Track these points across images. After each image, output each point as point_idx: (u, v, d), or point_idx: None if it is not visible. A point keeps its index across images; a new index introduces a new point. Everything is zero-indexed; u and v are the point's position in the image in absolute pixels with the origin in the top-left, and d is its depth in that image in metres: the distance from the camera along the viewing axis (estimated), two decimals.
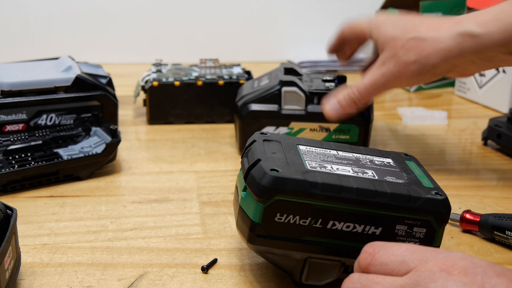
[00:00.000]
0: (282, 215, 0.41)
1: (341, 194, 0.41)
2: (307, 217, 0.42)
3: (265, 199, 0.41)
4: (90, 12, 1.12)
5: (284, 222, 0.42)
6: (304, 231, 0.42)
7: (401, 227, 0.43)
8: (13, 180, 0.59)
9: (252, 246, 0.43)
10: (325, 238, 0.43)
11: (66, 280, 0.45)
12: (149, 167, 0.67)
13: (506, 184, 0.65)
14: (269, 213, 0.41)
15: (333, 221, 0.42)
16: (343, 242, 0.43)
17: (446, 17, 0.60)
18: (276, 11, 1.17)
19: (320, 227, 0.42)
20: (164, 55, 1.04)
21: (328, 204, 0.41)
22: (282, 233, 0.42)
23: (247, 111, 0.67)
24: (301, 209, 0.41)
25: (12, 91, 0.66)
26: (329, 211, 0.42)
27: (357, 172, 0.44)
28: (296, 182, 0.41)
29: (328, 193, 0.41)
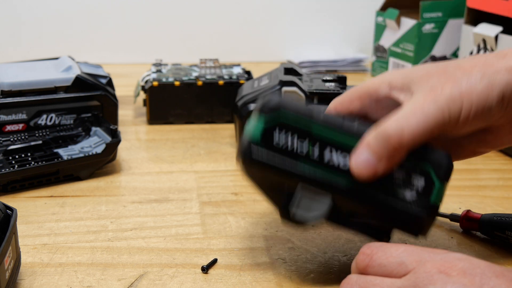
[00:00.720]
0: (280, 135, 0.42)
1: (343, 126, 0.42)
2: (304, 141, 0.42)
3: (267, 117, 0.42)
4: (90, 12, 1.12)
5: (282, 145, 0.42)
6: (300, 158, 0.42)
7: (399, 174, 0.42)
8: (13, 180, 0.59)
9: (247, 168, 0.43)
10: (320, 169, 0.42)
11: (66, 280, 0.45)
12: (149, 167, 0.67)
13: (506, 184, 0.65)
14: (269, 131, 0.42)
15: (330, 151, 0.42)
16: (337, 176, 0.42)
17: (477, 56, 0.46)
18: (276, 11, 1.17)
19: (317, 156, 0.42)
20: (164, 55, 1.04)
21: (328, 134, 0.41)
22: (279, 155, 0.42)
23: (247, 111, 0.67)
24: (301, 132, 0.42)
25: (12, 91, 0.66)
26: (328, 140, 0.41)
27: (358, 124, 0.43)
28: (300, 108, 0.42)
29: (330, 122, 0.42)
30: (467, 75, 0.42)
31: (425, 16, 0.94)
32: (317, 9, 1.18)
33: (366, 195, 0.42)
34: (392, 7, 1.01)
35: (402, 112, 0.41)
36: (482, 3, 0.81)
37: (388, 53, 1.03)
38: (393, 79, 0.45)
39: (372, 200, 0.42)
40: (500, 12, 0.77)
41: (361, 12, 1.18)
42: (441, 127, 0.41)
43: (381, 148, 0.40)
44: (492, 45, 0.79)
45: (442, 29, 0.96)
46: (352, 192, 0.41)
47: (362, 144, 0.41)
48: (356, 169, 0.41)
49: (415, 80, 0.44)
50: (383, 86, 0.45)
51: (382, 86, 0.45)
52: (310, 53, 1.15)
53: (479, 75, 0.42)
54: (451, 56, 0.98)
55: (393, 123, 0.41)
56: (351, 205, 0.43)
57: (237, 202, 0.59)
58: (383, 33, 1.03)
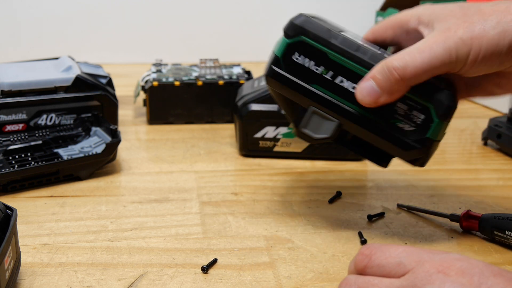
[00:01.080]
0: (300, 55, 0.47)
1: (356, 53, 0.46)
2: (320, 65, 0.46)
3: (290, 36, 0.47)
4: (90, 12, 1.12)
5: (300, 63, 0.47)
6: (315, 79, 0.47)
7: (401, 106, 0.46)
8: (13, 180, 0.59)
9: (269, 79, 0.48)
10: (331, 92, 0.47)
11: (66, 280, 0.45)
12: (149, 167, 0.67)
13: (506, 184, 0.65)
14: (290, 50, 0.47)
15: (342, 78, 0.46)
16: (345, 102, 0.46)
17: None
18: (276, 11, 1.17)
19: (329, 80, 0.46)
20: (164, 55, 1.04)
21: (342, 59, 0.46)
22: (296, 74, 0.47)
23: (247, 111, 0.67)
24: (318, 56, 0.46)
25: (12, 91, 0.66)
26: (341, 66, 0.46)
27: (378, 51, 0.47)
28: (321, 29, 0.46)
29: (345, 47, 0.46)
30: (483, 20, 0.45)
31: None
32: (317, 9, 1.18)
33: (368, 122, 0.46)
34: (392, 7, 1.01)
35: (411, 48, 0.44)
36: None
37: None
38: (423, 14, 0.48)
39: (373, 127, 0.46)
40: None
41: (361, 12, 1.18)
42: (446, 67, 0.44)
43: (384, 80, 0.44)
44: None
45: None
46: (356, 117, 0.46)
47: (368, 74, 0.45)
48: (360, 95, 0.45)
49: (439, 18, 0.46)
50: (412, 19, 0.49)
51: (412, 19, 0.49)
52: None
53: (494, 22, 0.44)
54: None
55: (398, 58, 0.44)
56: (355, 130, 0.47)
57: (237, 202, 0.59)
58: None
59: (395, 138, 0.46)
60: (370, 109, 0.46)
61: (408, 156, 0.48)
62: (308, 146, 0.68)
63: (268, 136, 0.68)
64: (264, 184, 0.63)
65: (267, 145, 0.69)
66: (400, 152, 0.47)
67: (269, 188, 0.62)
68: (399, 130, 0.46)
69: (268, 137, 0.68)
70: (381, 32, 0.51)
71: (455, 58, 0.44)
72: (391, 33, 0.50)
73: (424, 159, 0.48)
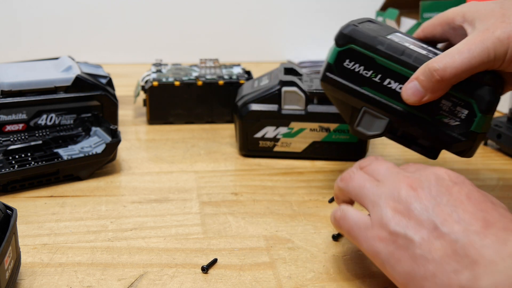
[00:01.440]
0: (350, 62, 0.51)
1: (401, 57, 0.50)
2: (369, 70, 0.51)
3: (340, 44, 0.51)
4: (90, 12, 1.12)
5: (351, 68, 0.52)
6: (365, 82, 0.51)
7: (446, 102, 0.50)
8: (13, 180, 0.59)
9: (323, 84, 0.54)
10: (380, 93, 0.51)
11: (66, 280, 0.45)
12: (149, 167, 0.67)
13: (506, 184, 0.65)
14: (341, 58, 0.52)
15: (390, 80, 0.50)
16: (394, 101, 0.51)
17: None
18: (276, 11, 1.17)
19: (378, 82, 0.51)
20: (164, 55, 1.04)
21: (388, 63, 0.50)
22: (347, 78, 0.52)
23: (247, 111, 0.67)
24: (366, 61, 0.51)
25: (12, 91, 0.66)
26: (388, 70, 0.50)
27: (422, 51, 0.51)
28: (368, 37, 0.51)
29: (391, 52, 0.50)
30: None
31: (425, 16, 0.94)
32: (317, 9, 1.18)
33: (416, 118, 0.51)
34: (392, 7, 1.01)
35: (451, 50, 0.47)
36: None
37: None
38: (467, 12, 0.51)
39: (420, 123, 0.51)
40: None
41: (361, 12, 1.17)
42: (485, 65, 0.47)
43: (426, 81, 0.48)
44: None
45: None
46: (405, 115, 0.51)
47: (413, 76, 0.49)
48: (406, 95, 0.49)
49: (481, 17, 0.50)
50: (458, 17, 0.52)
51: (457, 16, 0.52)
52: (310, 53, 1.15)
53: None
54: None
55: (439, 60, 0.47)
56: (404, 126, 0.52)
57: (237, 202, 0.59)
58: None
59: (442, 133, 0.50)
60: (417, 106, 0.50)
61: (454, 149, 0.51)
62: (308, 146, 0.68)
63: (268, 136, 0.68)
64: (264, 184, 0.63)
65: (267, 145, 0.69)
66: (446, 145, 0.51)
67: (269, 188, 0.62)
68: (444, 125, 0.50)
69: (268, 137, 0.68)
70: (430, 29, 0.55)
71: (493, 57, 0.47)
72: (440, 30, 0.54)
73: (470, 151, 0.52)
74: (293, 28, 1.18)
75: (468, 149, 0.51)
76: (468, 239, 0.37)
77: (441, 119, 0.50)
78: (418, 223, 0.39)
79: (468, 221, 0.38)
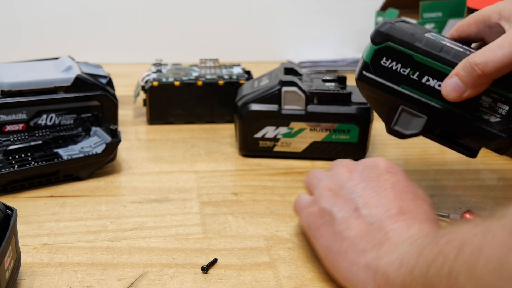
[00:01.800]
0: (387, 60, 0.50)
1: (440, 53, 0.49)
2: (407, 67, 0.50)
3: (377, 42, 0.50)
4: (90, 12, 1.12)
5: (388, 66, 0.51)
6: (402, 80, 0.50)
7: (486, 99, 0.49)
8: (13, 180, 0.59)
9: (359, 83, 0.53)
10: (419, 91, 0.50)
11: (66, 280, 0.45)
12: (149, 167, 0.67)
13: (506, 184, 0.65)
14: (378, 55, 0.51)
15: (428, 77, 0.50)
16: (433, 99, 0.50)
17: None
18: (276, 11, 1.17)
19: (416, 80, 0.50)
20: (164, 55, 1.04)
21: (427, 60, 0.49)
22: (384, 76, 0.51)
23: (247, 111, 0.67)
24: (404, 59, 0.50)
25: (12, 91, 0.66)
26: (427, 67, 0.49)
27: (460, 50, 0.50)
28: (405, 34, 0.50)
29: (429, 49, 0.49)
30: None
31: (425, 16, 0.94)
32: (317, 9, 1.18)
33: (455, 116, 0.50)
34: (392, 7, 1.01)
35: (491, 44, 0.47)
36: (482, 3, 0.81)
37: None
38: (504, 8, 0.51)
39: (460, 120, 0.50)
40: None
41: (361, 12, 1.17)
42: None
43: (467, 76, 0.47)
44: None
45: (442, 29, 0.96)
46: (444, 112, 0.50)
47: (453, 72, 0.48)
48: (446, 91, 0.48)
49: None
50: (494, 14, 0.51)
51: (493, 14, 0.52)
52: (310, 53, 1.15)
53: None
54: None
55: (479, 55, 0.46)
56: (443, 124, 0.51)
57: (237, 202, 0.59)
58: None
59: (482, 129, 0.50)
60: (457, 103, 0.49)
61: (494, 145, 0.51)
62: (308, 146, 0.68)
63: (268, 136, 0.68)
64: (264, 184, 0.63)
65: (267, 145, 0.69)
66: (486, 142, 0.50)
67: (269, 188, 0.62)
68: (485, 122, 0.49)
69: (268, 137, 0.68)
70: (465, 29, 0.54)
71: None
72: (474, 29, 0.54)
73: (510, 148, 0.51)
74: (293, 28, 1.18)
75: (509, 146, 0.51)
76: (381, 223, 0.42)
77: (481, 116, 0.49)
78: (344, 202, 0.44)
79: (385, 206, 0.43)
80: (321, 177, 0.49)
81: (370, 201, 0.44)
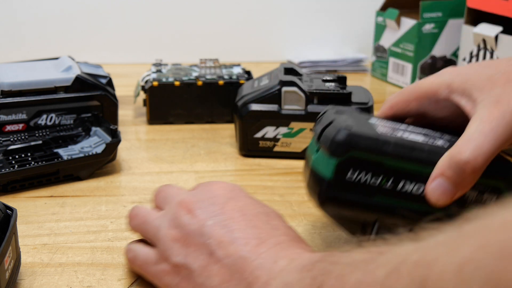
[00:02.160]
0: (354, 173, 0.41)
1: (413, 154, 0.41)
2: (378, 176, 0.42)
3: (338, 155, 0.41)
4: (90, 12, 1.12)
5: (356, 180, 0.42)
6: (375, 190, 0.42)
7: (471, 193, 0.43)
8: (13, 180, 0.59)
9: (322, 206, 0.43)
10: (396, 200, 0.42)
11: (66, 280, 0.45)
12: (149, 167, 0.67)
13: None
14: (342, 170, 0.41)
15: (404, 182, 0.42)
16: (413, 204, 0.42)
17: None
18: (276, 11, 1.17)
19: (391, 188, 0.42)
20: (164, 55, 1.04)
21: (400, 164, 0.41)
22: (354, 191, 0.42)
23: (247, 111, 0.67)
24: (373, 167, 0.41)
25: (12, 91, 0.66)
26: (400, 171, 0.41)
27: (427, 141, 0.44)
28: (370, 139, 0.41)
29: (400, 151, 0.41)
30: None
31: (425, 16, 0.94)
32: (317, 9, 1.18)
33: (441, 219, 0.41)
34: (392, 7, 1.01)
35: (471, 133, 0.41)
36: (482, 3, 0.81)
37: (388, 53, 1.03)
38: (453, 82, 0.45)
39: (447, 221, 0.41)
40: (500, 12, 0.77)
41: (361, 12, 1.17)
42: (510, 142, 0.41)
43: (456, 176, 0.40)
44: (492, 45, 0.79)
45: (442, 29, 0.96)
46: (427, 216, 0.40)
47: (436, 173, 0.41)
48: (434, 197, 0.41)
49: (478, 86, 0.43)
50: (442, 89, 0.45)
51: (441, 88, 0.45)
52: (310, 53, 1.15)
53: None
54: (451, 56, 0.98)
55: (466, 149, 0.40)
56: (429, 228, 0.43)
57: None
58: (383, 33, 1.03)
59: None
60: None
61: None
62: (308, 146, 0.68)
63: (268, 136, 0.68)
64: (264, 184, 0.63)
65: (267, 145, 0.69)
66: None
67: (269, 188, 0.62)
68: None
69: (268, 137, 0.68)
70: (403, 106, 0.48)
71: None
72: (415, 105, 0.47)
73: None
74: (293, 28, 1.18)
75: None
76: (242, 261, 0.37)
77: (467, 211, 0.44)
78: (196, 249, 0.39)
79: (241, 240, 0.38)
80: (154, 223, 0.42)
81: (224, 239, 0.38)
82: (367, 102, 0.67)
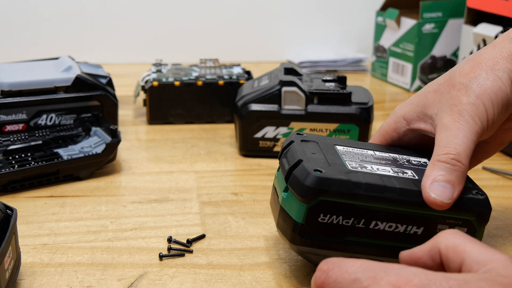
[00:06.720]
0: (325, 216, 0.42)
1: (384, 194, 0.42)
2: (350, 217, 0.42)
3: (309, 200, 0.41)
4: (90, 12, 1.12)
5: (327, 222, 0.42)
6: (347, 231, 0.42)
7: (442, 227, 0.43)
8: (13, 180, 0.59)
9: (294, 247, 0.43)
10: (368, 238, 0.43)
11: (66, 280, 0.45)
12: (149, 167, 0.67)
13: (506, 184, 0.65)
14: (313, 214, 0.42)
15: (376, 221, 0.42)
16: (385, 242, 0.43)
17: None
18: (276, 11, 1.17)
19: (363, 227, 0.42)
20: (164, 55, 1.04)
21: (371, 204, 0.42)
22: (325, 234, 0.42)
23: (247, 111, 0.67)
24: (344, 209, 0.42)
25: (12, 91, 0.66)
26: (372, 211, 0.42)
27: (397, 172, 0.44)
28: (340, 183, 0.41)
29: (372, 193, 0.41)
30: (474, 78, 0.45)
31: (425, 16, 0.94)
32: (317, 9, 1.18)
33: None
34: (392, 7, 1.01)
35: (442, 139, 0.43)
36: (482, 3, 0.81)
37: (388, 53, 1.03)
38: (406, 114, 0.48)
39: None
40: (500, 12, 0.77)
41: (361, 12, 1.18)
42: (480, 134, 0.43)
43: (451, 174, 0.42)
44: None
45: (442, 29, 0.96)
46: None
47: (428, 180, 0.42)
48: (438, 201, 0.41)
49: (428, 104, 0.46)
50: (400, 124, 0.49)
51: (399, 124, 0.49)
52: (310, 53, 1.15)
53: (483, 73, 0.45)
54: (451, 56, 0.98)
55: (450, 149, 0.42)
56: None
57: (237, 202, 0.59)
58: (383, 33, 1.03)
59: None
60: (413, 241, 0.43)
61: None
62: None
63: (268, 136, 0.68)
64: (264, 184, 0.63)
65: (267, 145, 0.69)
66: None
67: (269, 188, 0.62)
68: None
69: (268, 137, 0.68)
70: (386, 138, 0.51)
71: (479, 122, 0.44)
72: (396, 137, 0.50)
73: None
74: (293, 28, 1.18)
75: None
76: None
77: None
78: None
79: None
80: None
81: None
82: (367, 102, 0.67)
